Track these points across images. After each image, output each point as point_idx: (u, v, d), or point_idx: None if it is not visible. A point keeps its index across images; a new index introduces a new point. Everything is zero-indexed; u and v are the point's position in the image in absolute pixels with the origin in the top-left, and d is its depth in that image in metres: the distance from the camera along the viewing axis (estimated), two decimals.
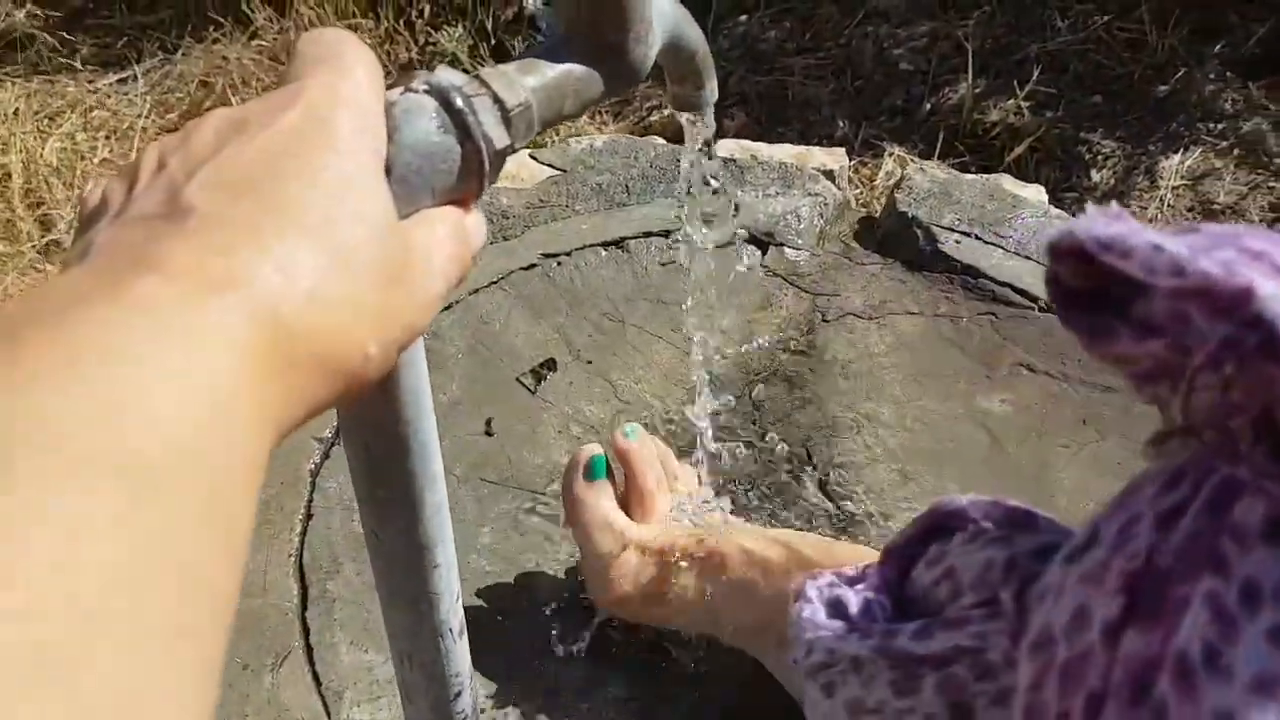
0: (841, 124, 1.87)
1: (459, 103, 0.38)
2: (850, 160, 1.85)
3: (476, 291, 0.99)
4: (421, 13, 2.15)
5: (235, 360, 0.27)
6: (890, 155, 1.79)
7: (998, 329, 0.96)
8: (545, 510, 0.85)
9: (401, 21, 2.15)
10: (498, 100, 0.39)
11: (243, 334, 0.28)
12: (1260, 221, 1.69)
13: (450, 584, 0.55)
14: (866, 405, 0.92)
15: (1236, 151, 1.78)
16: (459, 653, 0.57)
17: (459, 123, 0.38)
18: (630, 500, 0.76)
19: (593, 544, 0.74)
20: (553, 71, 0.43)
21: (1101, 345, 0.35)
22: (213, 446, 0.25)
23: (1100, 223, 0.34)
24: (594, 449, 0.76)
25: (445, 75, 0.39)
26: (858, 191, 1.74)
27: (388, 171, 0.36)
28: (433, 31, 2.11)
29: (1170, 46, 1.87)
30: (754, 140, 1.90)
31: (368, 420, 0.48)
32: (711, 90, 0.54)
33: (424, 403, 0.48)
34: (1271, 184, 1.74)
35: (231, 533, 0.25)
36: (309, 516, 0.83)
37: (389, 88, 0.39)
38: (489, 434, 0.90)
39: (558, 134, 1.71)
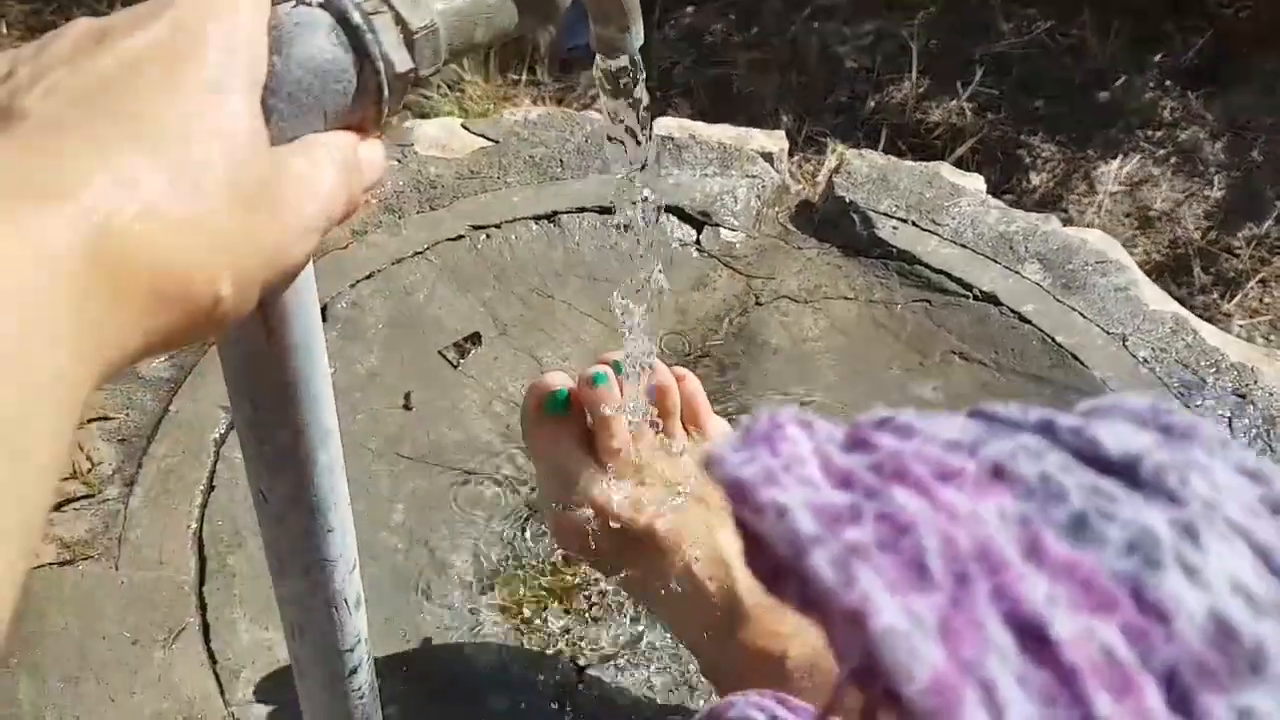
0: (785, 118, 1.86)
1: (356, 18, 0.35)
2: (793, 155, 1.84)
3: (400, 261, 0.96)
4: None
5: (47, 274, 0.24)
6: (833, 151, 1.78)
7: (931, 316, 0.94)
8: (465, 489, 0.82)
9: None
10: (400, 20, 0.37)
11: (62, 247, 0.25)
12: (1195, 230, 1.71)
13: (345, 551, 0.52)
14: (797, 390, 0.90)
15: (1173, 159, 1.79)
16: (354, 626, 0.54)
17: (356, 40, 0.35)
18: (597, 449, 0.67)
19: (542, 487, 0.68)
20: None
21: (779, 592, 0.26)
22: (7, 366, 0.23)
23: (735, 458, 0.26)
24: (555, 381, 0.68)
25: None
26: (800, 186, 1.73)
27: (275, 89, 0.33)
28: None
29: (1111, 54, 1.88)
30: None
31: (252, 369, 0.45)
32: (637, 33, 0.51)
33: (316, 352, 0.45)
34: (1206, 192, 1.76)
35: (28, 453, 0.23)
36: (211, 488, 0.79)
37: (280, 1, 0.36)
38: (407, 408, 0.86)
39: (492, 108, 1.67)
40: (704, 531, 0.63)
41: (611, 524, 0.64)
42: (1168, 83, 1.86)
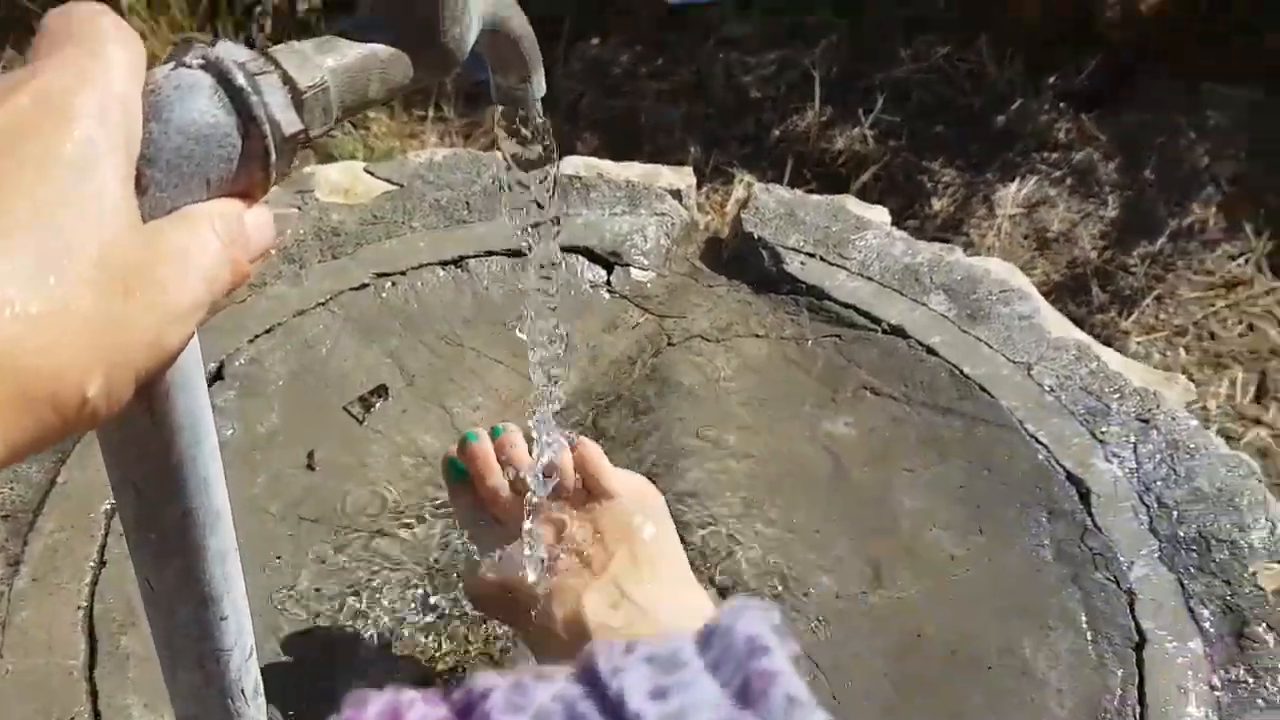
0: (693, 149, 1.86)
1: (240, 80, 0.33)
2: (701, 187, 1.85)
3: (302, 313, 0.93)
4: (263, 27, 2.06)
5: None
6: (740, 181, 1.79)
7: (841, 351, 0.95)
8: (374, 551, 0.79)
9: (241, 38, 2.05)
10: (288, 80, 0.35)
11: None
12: (1092, 249, 1.76)
13: (241, 638, 0.49)
14: (711, 431, 0.89)
15: (1069, 180, 1.85)
16: (252, 716, 0.51)
17: (240, 103, 0.33)
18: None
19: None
20: (355, 51, 0.38)
21: None
22: None
23: None
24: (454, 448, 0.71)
25: (227, 49, 0.34)
26: (709, 218, 1.74)
27: (153, 158, 0.31)
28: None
29: (1008, 79, 1.93)
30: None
31: (134, 452, 0.42)
32: (538, 83, 0.50)
33: (203, 431, 0.42)
34: (1101, 212, 1.81)
35: None
36: (102, 563, 0.75)
37: (164, 61, 0.34)
38: (311, 468, 0.83)
39: (398, 145, 1.65)
40: (571, 595, 0.62)
41: (499, 586, 0.64)
42: (1062, 105, 1.92)
